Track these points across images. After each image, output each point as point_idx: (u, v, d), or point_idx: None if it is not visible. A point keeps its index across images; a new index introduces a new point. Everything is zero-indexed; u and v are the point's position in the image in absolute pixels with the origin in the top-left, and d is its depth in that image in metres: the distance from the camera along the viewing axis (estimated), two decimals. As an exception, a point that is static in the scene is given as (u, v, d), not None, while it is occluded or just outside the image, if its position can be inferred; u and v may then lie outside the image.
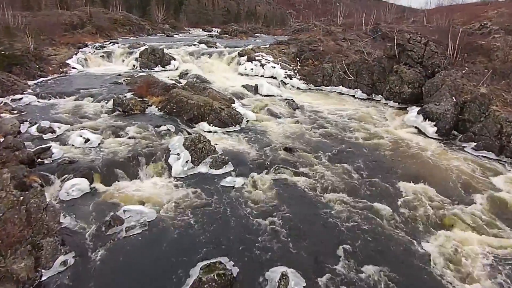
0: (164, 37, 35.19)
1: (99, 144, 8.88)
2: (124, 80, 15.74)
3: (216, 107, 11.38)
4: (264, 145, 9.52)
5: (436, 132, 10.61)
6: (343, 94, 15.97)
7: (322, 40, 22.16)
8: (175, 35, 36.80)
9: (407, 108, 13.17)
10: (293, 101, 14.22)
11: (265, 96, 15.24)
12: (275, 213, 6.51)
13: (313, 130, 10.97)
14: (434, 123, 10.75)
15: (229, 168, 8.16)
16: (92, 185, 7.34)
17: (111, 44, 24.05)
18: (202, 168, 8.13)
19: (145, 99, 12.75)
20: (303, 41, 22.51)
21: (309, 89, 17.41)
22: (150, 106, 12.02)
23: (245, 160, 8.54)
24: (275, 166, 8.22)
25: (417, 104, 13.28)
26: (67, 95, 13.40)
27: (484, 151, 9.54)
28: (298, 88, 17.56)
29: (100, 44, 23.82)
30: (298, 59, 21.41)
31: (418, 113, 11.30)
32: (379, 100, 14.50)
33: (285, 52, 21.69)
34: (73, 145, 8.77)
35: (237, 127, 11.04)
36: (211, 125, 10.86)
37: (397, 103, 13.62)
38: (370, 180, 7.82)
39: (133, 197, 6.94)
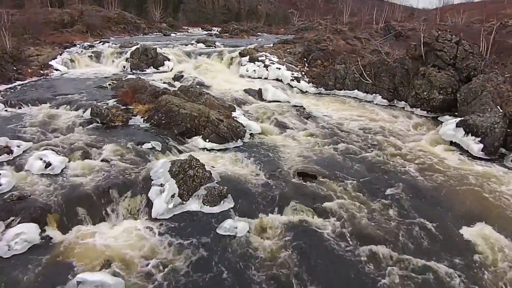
0: (161, 36, 33.29)
1: (62, 170, 6.94)
2: (109, 84, 13.81)
3: (214, 118, 9.44)
4: (272, 167, 7.58)
5: (482, 150, 8.66)
6: (359, 99, 14.02)
7: (331, 39, 20.20)
8: (172, 34, 34.91)
9: (439, 118, 11.24)
10: (303, 108, 12.29)
11: (271, 102, 13.30)
12: (291, 279, 4.59)
13: (331, 146, 9.01)
14: (479, 138, 8.80)
15: (228, 204, 6.22)
16: (44, 233, 5.42)
17: (101, 43, 22.15)
18: (193, 204, 6.19)
19: (130, 107, 10.82)
20: (310, 40, 20.55)
21: (319, 93, 15.48)
22: (135, 116, 10.07)
23: (248, 192, 6.60)
24: (289, 201, 6.27)
25: (450, 113, 11.36)
26: (41, 102, 11.47)
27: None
28: (306, 92, 15.63)
29: (89, 44, 21.91)
30: (305, 59, 19.44)
31: (457, 126, 9.34)
32: (403, 107, 12.54)
33: (291, 52, 19.75)
34: (29, 172, 6.85)
35: (239, 143, 9.11)
36: (207, 140, 8.92)
37: (425, 111, 11.68)
38: (415, 223, 5.87)
39: (95, 253, 5.00)
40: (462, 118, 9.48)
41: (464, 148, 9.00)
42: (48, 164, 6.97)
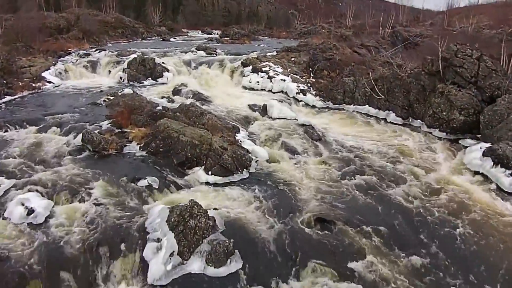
0: (160, 41, 32.38)
1: (46, 218, 6.08)
2: (104, 101, 12.93)
3: (217, 146, 8.57)
4: (284, 211, 6.71)
5: (514, 184, 7.80)
6: (371, 116, 13.14)
7: (338, 47, 19.33)
8: (171, 39, 33.97)
9: (460, 141, 10.38)
10: (313, 128, 11.41)
11: (276, 119, 12.45)
12: None
13: (348, 178, 8.15)
14: (510, 171, 7.94)
15: (235, 263, 5.36)
16: (20, 308, 4.59)
17: (97, 51, 21.24)
18: (195, 264, 5.32)
19: (125, 130, 9.96)
20: (315, 48, 19.66)
21: (327, 107, 14.60)
22: (130, 142, 9.20)
23: (259, 246, 5.73)
24: (307, 260, 5.41)
25: (471, 135, 10.51)
26: (29, 124, 10.60)
27: None
28: (313, 106, 14.75)
29: (84, 52, 21.01)
30: (310, 69, 18.61)
31: (484, 155, 8.50)
32: (419, 127, 11.67)
33: (295, 61, 18.89)
34: (9, 221, 6.00)
35: (245, 174, 8.24)
36: (210, 173, 8.05)
37: (444, 133, 10.82)
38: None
39: None
40: (490, 146, 8.63)
41: (493, 180, 8.15)
42: (30, 211, 6.11)
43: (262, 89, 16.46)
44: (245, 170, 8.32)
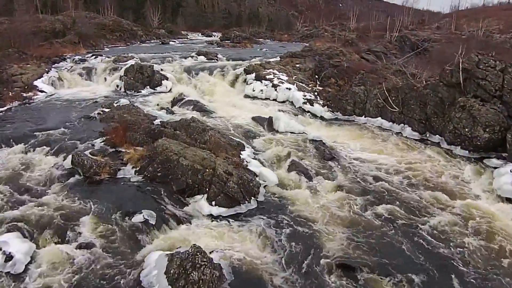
0: (159, 44, 31.57)
1: (26, 265, 5.23)
2: (98, 113, 12.07)
3: (221, 171, 7.71)
4: (302, 254, 5.84)
5: (554, 215, 6.96)
6: (384, 129, 12.29)
7: (344, 53, 18.50)
8: (171, 42, 33.19)
9: (484, 160, 9.53)
10: (323, 144, 10.58)
11: (284, 133, 11.62)
12: None
13: (369, 208, 7.30)
14: (549, 199, 7.10)
15: (247, 328, 4.52)
16: None
17: (94, 57, 20.38)
18: (200, 330, 4.48)
19: (120, 150, 9.12)
20: (321, 54, 18.86)
21: (336, 118, 13.76)
22: (125, 165, 8.34)
23: (274, 302, 4.89)
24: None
25: (496, 153, 9.66)
26: (16, 141, 9.73)
27: None
28: (321, 117, 13.90)
29: (80, 57, 20.14)
30: (316, 76, 17.79)
31: (518, 180, 7.65)
32: (438, 143, 10.82)
33: (301, 68, 18.02)
34: (-19, 270, 5.14)
35: (252, 204, 7.39)
36: (213, 203, 7.18)
37: (466, 151, 9.97)
38: None
39: None
40: (524, 171, 7.78)
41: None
42: (8, 257, 5.26)
43: (266, 98, 15.62)
44: (252, 198, 7.47)
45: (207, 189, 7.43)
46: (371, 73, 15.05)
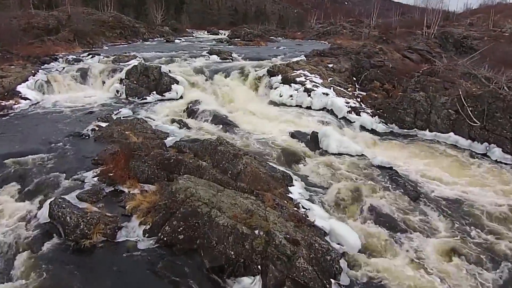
0: (164, 42, 28.77)
1: None
2: (93, 130, 9.28)
3: (280, 238, 4.87)
4: None
5: None
6: (461, 149, 9.49)
7: (385, 51, 15.69)
8: (176, 40, 30.36)
9: None
10: (396, 173, 7.79)
11: (336, 155, 8.82)
12: None
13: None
14: None
15: None
16: None
17: (90, 56, 17.58)
18: None
19: (121, 189, 6.33)
20: (358, 52, 16.05)
21: (391, 132, 10.96)
22: (129, 219, 5.53)
23: None
24: None
25: None
26: (-22, 174, 6.98)
27: None
28: (372, 130, 11.07)
29: (74, 57, 17.31)
30: (354, 78, 15.02)
31: None
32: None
33: (335, 69, 15.21)
34: None
35: (332, 292, 4.59)
36: (274, 294, 4.39)
37: None
38: None
39: None
40: None
41: None
42: None
43: (297, 105, 12.87)
44: (333, 282, 4.66)
45: (260, 268, 4.63)
46: (429, 75, 12.21)
